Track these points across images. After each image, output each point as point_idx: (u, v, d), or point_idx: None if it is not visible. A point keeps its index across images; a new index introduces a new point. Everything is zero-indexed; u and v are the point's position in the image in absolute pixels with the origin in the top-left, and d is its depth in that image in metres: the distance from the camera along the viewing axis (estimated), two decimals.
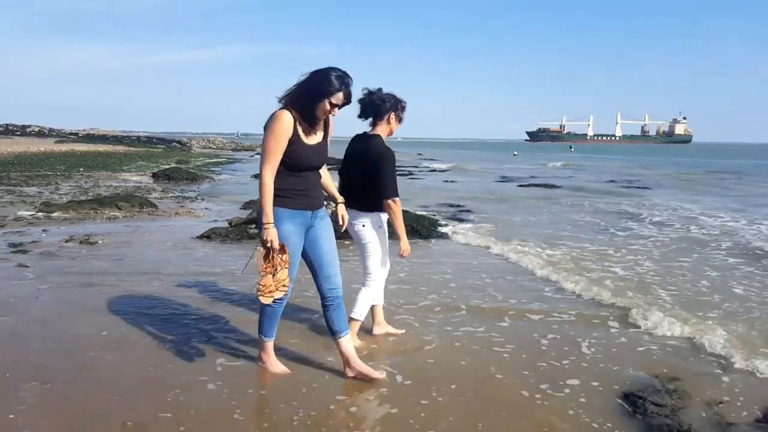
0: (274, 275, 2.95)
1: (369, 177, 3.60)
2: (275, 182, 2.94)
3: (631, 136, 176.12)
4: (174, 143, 55.51)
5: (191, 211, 10.30)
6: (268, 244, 2.92)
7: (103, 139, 52.97)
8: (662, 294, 5.41)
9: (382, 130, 3.74)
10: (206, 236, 7.50)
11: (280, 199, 2.98)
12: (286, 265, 2.98)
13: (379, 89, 3.70)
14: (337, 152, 4.23)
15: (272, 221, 2.92)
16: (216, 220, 8.98)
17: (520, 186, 19.03)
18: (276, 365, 3.36)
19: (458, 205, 12.43)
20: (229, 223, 8.46)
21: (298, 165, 2.97)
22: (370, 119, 3.73)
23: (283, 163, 2.95)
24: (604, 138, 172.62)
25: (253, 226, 8.13)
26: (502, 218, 10.50)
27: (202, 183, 16.91)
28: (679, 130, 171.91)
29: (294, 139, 2.93)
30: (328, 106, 2.92)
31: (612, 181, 22.57)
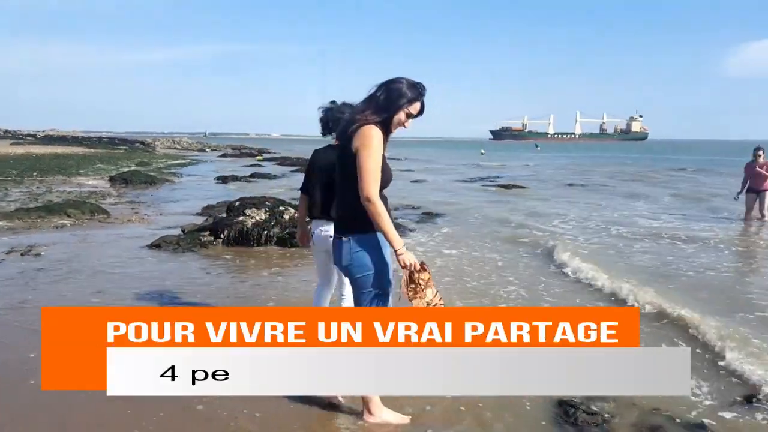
0: (423, 298, 2.76)
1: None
2: (357, 206, 2.69)
3: (590, 134, 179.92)
4: (137, 144, 54.40)
5: (145, 217, 10.06)
6: (411, 269, 2.71)
7: (63, 140, 51.48)
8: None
9: None
10: (156, 245, 7.33)
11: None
12: (431, 283, 2.79)
13: (334, 102, 3.69)
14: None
15: (403, 244, 2.69)
16: (170, 227, 8.79)
17: (484, 185, 19.24)
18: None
19: (417, 207, 12.40)
20: (182, 231, 8.28)
21: (385, 181, 2.76)
22: (333, 133, 3.69)
23: None
24: (565, 136, 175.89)
25: (207, 233, 7.97)
26: (467, 224, 10.54)
27: (160, 186, 16.56)
28: (636, 127, 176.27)
29: (383, 155, 2.79)
30: (404, 117, 2.80)
31: (571, 185, 22.98)
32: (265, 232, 7.76)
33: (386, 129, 2.79)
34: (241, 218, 8.04)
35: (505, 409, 3.18)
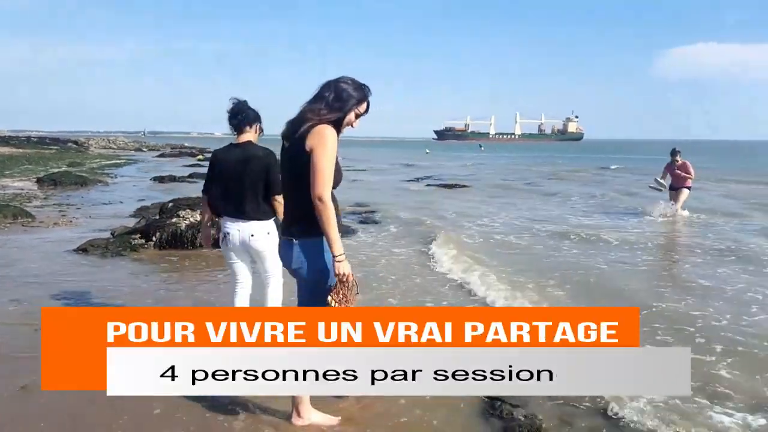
0: None
1: (264, 181, 3.54)
2: (310, 207, 2.61)
3: (530, 134, 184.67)
4: (69, 144, 51.95)
5: (73, 220, 9.63)
6: (343, 279, 2.64)
7: None
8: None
9: (252, 136, 3.72)
10: (82, 249, 7.01)
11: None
12: (353, 300, 2.70)
13: (245, 101, 3.73)
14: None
15: (343, 252, 2.64)
16: (100, 230, 8.45)
17: (428, 185, 19.49)
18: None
19: (360, 206, 12.43)
20: (111, 234, 7.97)
21: (336, 182, 2.69)
22: (235, 129, 3.71)
23: None
24: (505, 136, 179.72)
25: (138, 236, 7.70)
26: (407, 224, 10.63)
27: (92, 188, 15.88)
28: (572, 128, 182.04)
29: (336, 156, 2.72)
30: (354, 117, 2.79)
31: (507, 184, 23.58)
32: (200, 234, 7.56)
33: (338, 129, 2.76)
34: (174, 220, 7.80)
35: (435, 402, 3.21)
